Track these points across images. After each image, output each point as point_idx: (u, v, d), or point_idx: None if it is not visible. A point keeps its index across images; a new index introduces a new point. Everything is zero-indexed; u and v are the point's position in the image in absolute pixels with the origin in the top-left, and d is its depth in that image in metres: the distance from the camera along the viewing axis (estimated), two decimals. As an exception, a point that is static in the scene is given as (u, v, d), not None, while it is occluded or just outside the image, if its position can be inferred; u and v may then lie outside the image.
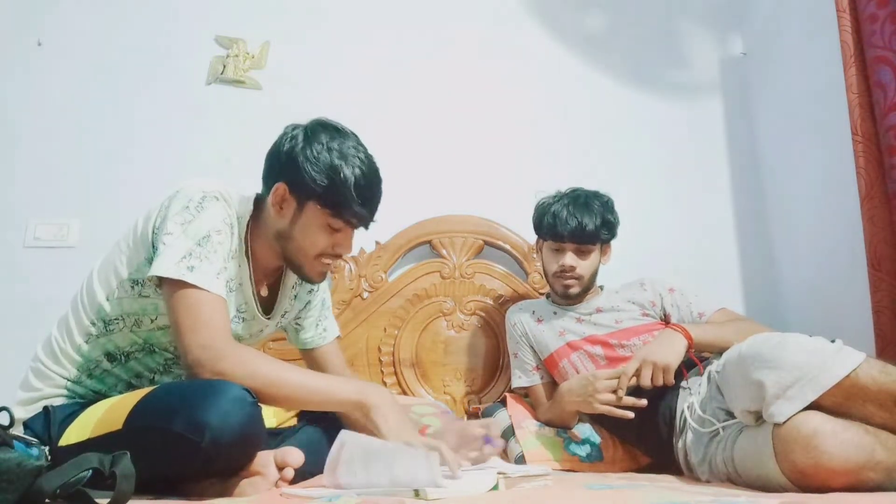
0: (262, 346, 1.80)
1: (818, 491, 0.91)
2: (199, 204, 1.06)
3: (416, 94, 2.23)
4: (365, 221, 1.14)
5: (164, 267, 1.01)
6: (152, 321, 1.11)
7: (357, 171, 1.09)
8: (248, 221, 1.17)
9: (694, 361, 1.41)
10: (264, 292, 1.24)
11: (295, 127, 1.15)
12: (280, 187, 1.11)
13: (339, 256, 1.17)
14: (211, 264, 1.03)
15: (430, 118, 2.20)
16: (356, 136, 1.15)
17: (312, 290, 1.39)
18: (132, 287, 1.10)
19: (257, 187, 1.20)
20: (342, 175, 1.07)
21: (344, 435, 0.98)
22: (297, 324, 1.39)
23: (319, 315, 1.41)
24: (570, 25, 2.33)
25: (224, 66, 2.20)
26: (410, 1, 2.31)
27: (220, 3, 2.27)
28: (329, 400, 1.04)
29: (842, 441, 0.92)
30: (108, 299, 1.11)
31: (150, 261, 1.05)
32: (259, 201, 1.19)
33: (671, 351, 1.39)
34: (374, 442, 0.96)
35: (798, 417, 0.97)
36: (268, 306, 1.26)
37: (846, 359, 0.99)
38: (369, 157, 1.13)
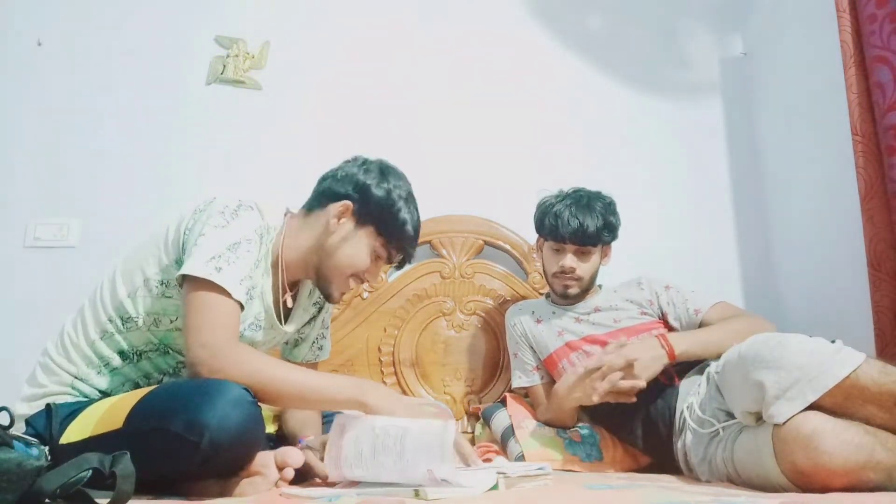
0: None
1: (818, 491, 0.92)
2: (234, 211, 1.10)
3: (416, 93, 2.22)
4: (405, 257, 1.26)
5: (192, 266, 1.02)
6: (171, 321, 1.13)
7: (415, 214, 1.25)
8: (280, 233, 1.20)
9: (670, 374, 1.40)
10: (289, 303, 1.25)
11: (366, 161, 1.26)
12: (346, 205, 1.20)
13: (364, 282, 1.25)
14: (237, 270, 1.05)
15: (431, 118, 2.20)
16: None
17: (317, 303, 1.39)
18: (157, 287, 1.11)
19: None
20: (404, 215, 1.21)
21: (342, 418, 0.98)
22: (298, 337, 1.40)
23: (320, 333, 1.43)
24: (570, 25, 2.33)
25: (224, 66, 2.19)
26: (410, 1, 2.31)
27: (220, 3, 2.27)
28: (328, 398, 1.05)
29: (842, 441, 0.92)
30: (129, 296, 1.12)
31: (178, 262, 1.08)
32: (293, 215, 1.25)
33: (649, 358, 1.36)
34: (378, 419, 0.97)
35: (798, 418, 0.97)
36: (285, 316, 1.27)
37: (846, 359, 0.98)
38: (417, 204, 1.28)
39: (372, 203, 1.20)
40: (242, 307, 1.06)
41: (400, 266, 1.30)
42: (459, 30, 2.29)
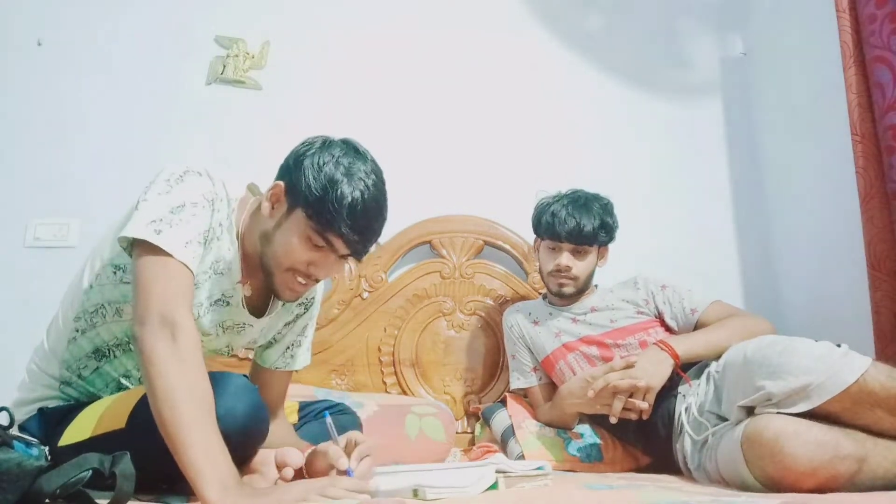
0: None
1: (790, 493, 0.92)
2: (179, 177, 1.03)
3: (416, 93, 2.22)
4: (350, 246, 1.03)
5: (131, 228, 0.96)
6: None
7: (357, 193, 1.00)
8: (242, 207, 1.12)
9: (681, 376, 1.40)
10: (246, 291, 1.15)
11: (318, 136, 1.09)
12: (278, 186, 1.05)
13: (311, 277, 1.06)
14: (181, 231, 0.97)
15: (431, 118, 2.20)
16: (376, 163, 1.08)
17: (304, 303, 1.28)
18: (114, 273, 1.06)
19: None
20: (339, 191, 0.99)
21: None
22: (273, 338, 1.28)
23: (295, 339, 1.29)
24: (570, 25, 2.33)
25: (224, 66, 2.19)
26: (410, 1, 2.31)
27: (220, 3, 2.27)
28: (186, 470, 0.82)
29: (804, 442, 0.93)
30: (91, 287, 1.07)
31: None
32: (260, 195, 1.14)
33: (656, 373, 1.36)
34: None
35: (761, 422, 0.99)
36: (261, 307, 1.19)
37: (853, 364, 0.99)
38: (378, 187, 1.04)
39: (302, 178, 1.01)
40: (190, 271, 0.97)
41: (356, 256, 1.06)
42: (459, 30, 2.29)
